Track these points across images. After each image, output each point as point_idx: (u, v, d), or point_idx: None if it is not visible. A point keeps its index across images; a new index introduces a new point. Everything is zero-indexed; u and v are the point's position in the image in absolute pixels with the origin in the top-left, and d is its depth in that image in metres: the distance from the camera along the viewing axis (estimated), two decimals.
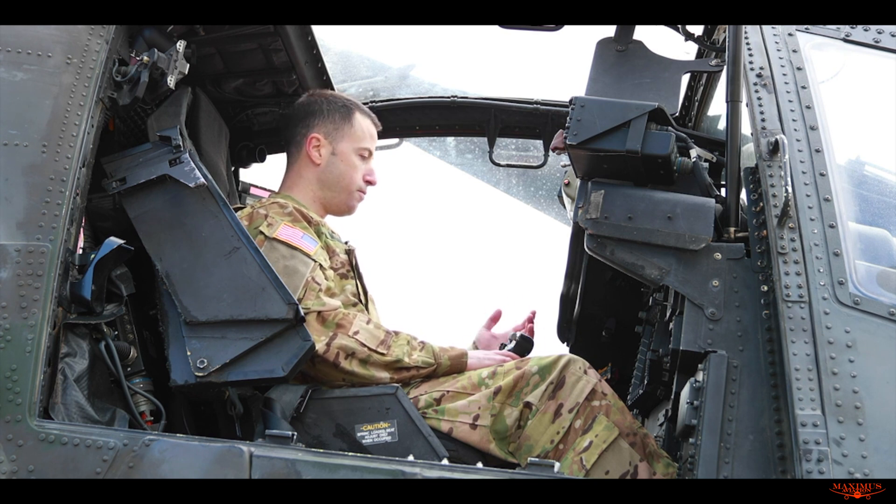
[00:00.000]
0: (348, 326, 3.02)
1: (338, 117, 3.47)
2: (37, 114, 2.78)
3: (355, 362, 3.01)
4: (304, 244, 3.14)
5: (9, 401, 2.52)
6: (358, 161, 3.46)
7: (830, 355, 2.44)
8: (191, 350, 2.80)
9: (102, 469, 2.48)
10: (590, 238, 2.75)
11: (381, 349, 3.04)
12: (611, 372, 3.86)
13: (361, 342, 3.01)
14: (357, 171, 3.46)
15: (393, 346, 3.05)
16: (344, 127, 3.46)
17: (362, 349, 3.01)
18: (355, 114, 3.50)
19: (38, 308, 2.60)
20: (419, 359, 3.08)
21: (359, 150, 3.47)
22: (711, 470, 2.45)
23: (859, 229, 2.74)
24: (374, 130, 3.55)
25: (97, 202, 3.04)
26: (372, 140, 3.52)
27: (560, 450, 2.88)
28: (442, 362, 3.10)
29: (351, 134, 3.46)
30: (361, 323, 3.06)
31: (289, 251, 3.09)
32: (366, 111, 3.55)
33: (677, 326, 2.72)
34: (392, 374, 3.04)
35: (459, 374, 3.10)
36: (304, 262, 3.09)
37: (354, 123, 3.48)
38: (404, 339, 3.10)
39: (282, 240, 3.11)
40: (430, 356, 3.10)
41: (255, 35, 3.52)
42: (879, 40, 3.00)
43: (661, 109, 2.78)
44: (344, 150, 3.45)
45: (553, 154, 3.87)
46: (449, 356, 3.12)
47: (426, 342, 3.14)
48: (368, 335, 3.04)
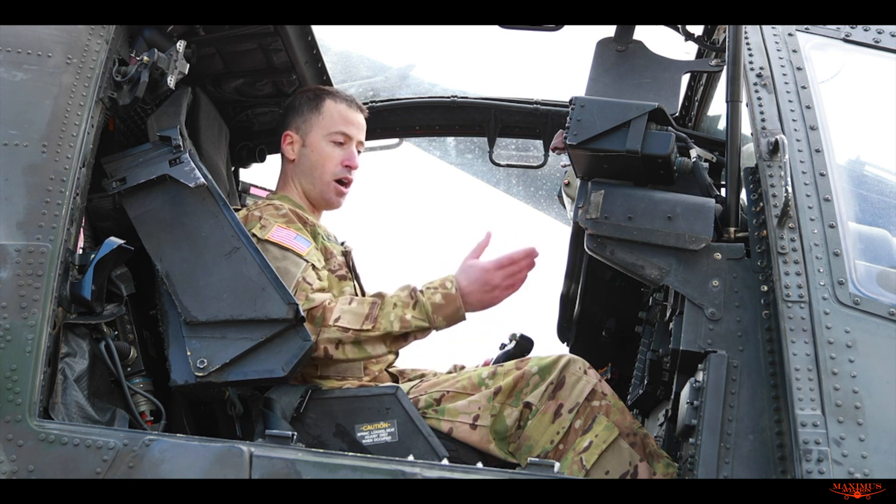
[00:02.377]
0: (329, 317, 2.97)
1: (306, 109, 3.43)
2: (37, 114, 2.78)
3: (348, 347, 2.97)
4: (297, 245, 3.12)
5: (9, 401, 2.52)
6: (330, 148, 3.39)
7: (830, 355, 2.44)
8: (191, 350, 2.80)
9: (102, 469, 2.48)
10: (590, 238, 2.75)
11: (367, 325, 2.95)
12: (611, 372, 3.86)
13: (344, 327, 2.95)
14: (329, 159, 3.39)
15: (380, 318, 2.96)
16: (312, 117, 3.41)
17: (347, 334, 2.95)
18: (325, 101, 3.43)
19: (38, 308, 2.60)
20: (412, 322, 2.96)
21: (329, 135, 3.39)
22: (711, 470, 2.44)
23: (859, 229, 2.74)
24: (352, 115, 3.44)
25: (97, 202, 3.04)
26: (346, 124, 3.42)
27: (560, 450, 2.88)
28: (438, 324, 2.99)
29: (319, 122, 3.41)
30: (342, 306, 2.99)
31: (280, 252, 3.07)
32: (342, 97, 3.47)
33: (677, 326, 2.72)
34: (389, 346, 2.99)
35: (459, 375, 3.09)
36: (296, 263, 3.07)
37: (323, 111, 3.42)
38: (390, 303, 2.98)
39: (274, 241, 3.09)
40: (424, 318, 2.97)
41: (255, 35, 3.52)
42: (879, 40, 3.00)
43: (661, 109, 2.78)
44: (313, 139, 3.40)
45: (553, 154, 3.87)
46: (443, 316, 2.97)
47: (417, 296, 2.98)
48: (351, 316, 2.97)
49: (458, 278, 3.01)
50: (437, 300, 2.98)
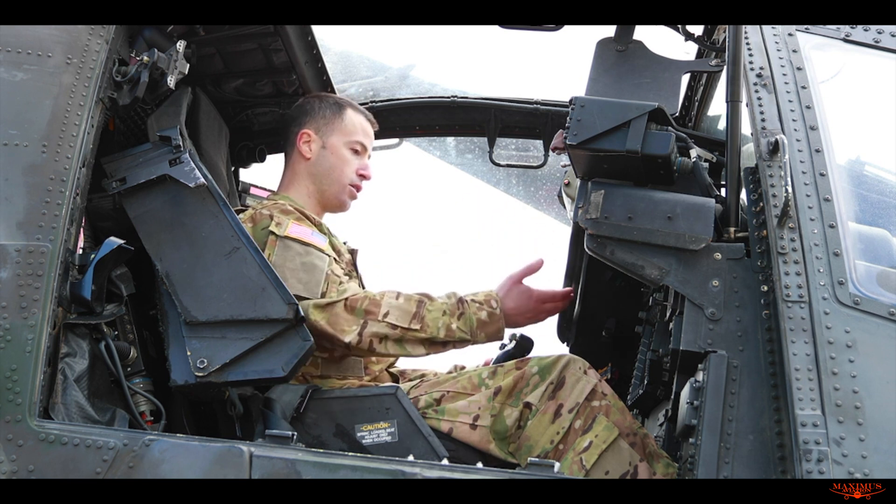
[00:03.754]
0: (377, 311, 3.01)
1: (328, 113, 3.50)
2: (37, 114, 2.78)
3: (390, 344, 3.02)
4: (316, 240, 3.17)
5: (9, 401, 2.52)
6: (349, 155, 3.47)
7: (830, 355, 2.44)
8: (191, 350, 2.80)
9: (102, 469, 2.48)
10: (590, 238, 2.75)
11: (415, 324, 3.01)
12: (611, 372, 3.86)
13: (393, 324, 3.00)
14: (348, 165, 3.47)
15: (427, 319, 3.01)
16: (334, 121, 3.48)
17: (394, 331, 3.00)
18: (347, 110, 3.52)
19: (38, 308, 2.60)
20: (457, 333, 3.02)
21: (350, 143, 3.48)
22: (711, 470, 2.44)
23: (859, 229, 2.74)
24: (369, 127, 3.56)
25: (97, 202, 3.04)
26: (365, 136, 3.53)
27: (560, 450, 2.88)
28: (478, 339, 3.06)
29: (341, 128, 3.48)
30: (391, 300, 3.03)
31: (303, 248, 3.11)
32: (359, 109, 3.57)
33: (677, 326, 2.71)
34: (427, 349, 3.04)
35: (459, 375, 3.10)
36: (320, 258, 3.11)
37: (345, 118, 3.50)
38: (439, 307, 3.03)
39: (294, 237, 3.13)
40: (468, 331, 3.03)
41: (255, 35, 3.52)
42: (879, 40, 3.00)
43: (661, 109, 2.78)
44: (334, 143, 3.46)
45: (553, 154, 3.87)
46: (486, 333, 3.05)
47: (464, 308, 3.04)
48: (400, 313, 3.01)
49: (503, 300, 3.09)
50: (482, 317, 3.05)
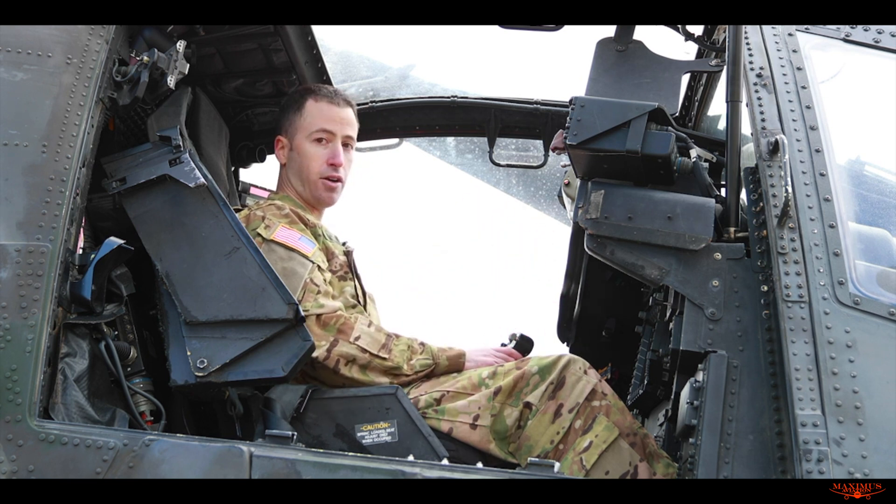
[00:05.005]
0: (349, 332, 3.03)
1: (291, 112, 3.46)
2: (37, 114, 2.78)
3: (355, 368, 3.03)
4: (302, 246, 3.14)
5: (9, 401, 2.52)
6: (313, 148, 3.41)
7: (830, 355, 2.44)
8: (191, 350, 2.80)
9: (102, 469, 2.48)
10: (590, 238, 2.75)
11: (383, 353, 3.05)
12: (611, 372, 3.86)
13: (363, 348, 3.03)
14: (314, 160, 3.40)
15: (394, 351, 3.07)
16: (296, 120, 3.44)
17: (363, 355, 3.03)
18: (306, 101, 3.44)
19: (38, 308, 2.60)
20: (418, 363, 3.08)
21: (312, 135, 3.41)
22: (711, 470, 2.45)
23: (859, 229, 2.74)
24: (335, 110, 3.43)
25: (97, 202, 3.04)
26: (328, 120, 3.41)
27: (560, 450, 2.88)
28: (440, 362, 3.12)
29: (301, 124, 3.43)
30: (363, 327, 3.07)
31: (286, 253, 3.10)
32: (324, 93, 3.46)
33: (677, 326, 2.72)
34: (391, 380, 3.05)
35: (459, 375, 3.10)
36: (302, 264, 3.09)
37: (304, 112, 3.43)
38: (405, 342, 3.11)
39: (279, 241, 3.12)
40: (429, 357, 3.11)
41: (255, 35, 3.52)
42: (879, 40, 3.00)
43: (661, 109, 2.78)
44: (298, 142, 3.43)
45: (553, 154, 3.87)
46: (447, 356, 3.13)
47: (425, 343, 3.14)
48: (370, 339, 3.05)
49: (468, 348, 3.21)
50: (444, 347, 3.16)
